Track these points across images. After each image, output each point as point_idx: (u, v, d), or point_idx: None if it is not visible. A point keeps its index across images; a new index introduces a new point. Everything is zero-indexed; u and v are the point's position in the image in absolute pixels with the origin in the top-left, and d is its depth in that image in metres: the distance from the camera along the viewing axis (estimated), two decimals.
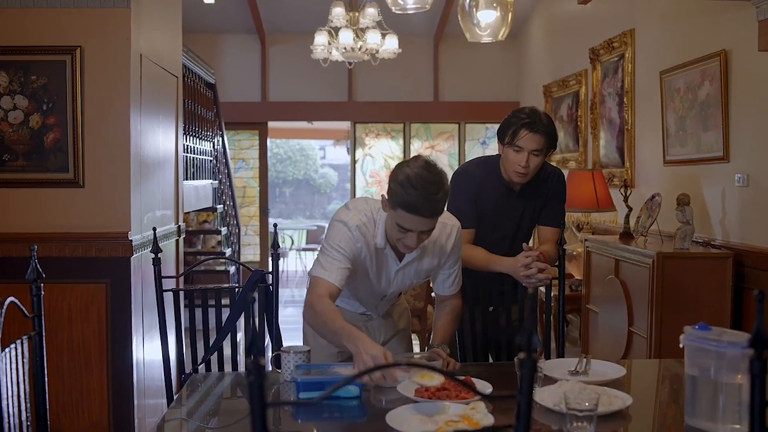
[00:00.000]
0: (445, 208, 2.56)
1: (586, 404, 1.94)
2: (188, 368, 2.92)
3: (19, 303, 2.23)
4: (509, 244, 3.13)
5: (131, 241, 3.98)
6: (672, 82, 5.03)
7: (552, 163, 3.31)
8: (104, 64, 3.96)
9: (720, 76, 4.38)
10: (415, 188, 2.35)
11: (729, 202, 4.37)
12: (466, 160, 2.98)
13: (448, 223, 2.71)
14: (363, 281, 2.69)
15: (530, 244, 3.09)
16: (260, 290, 2.95)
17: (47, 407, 2.34)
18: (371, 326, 2.88)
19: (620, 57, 6.07)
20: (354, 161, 10.12)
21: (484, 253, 3.05)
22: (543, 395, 2.18)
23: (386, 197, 2.48)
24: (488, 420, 1.96)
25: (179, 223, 5.12)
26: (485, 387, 2.32)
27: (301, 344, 2.67)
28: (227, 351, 2.97)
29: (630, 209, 5.06)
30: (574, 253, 6.27)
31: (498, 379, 2.49)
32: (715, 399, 1.97)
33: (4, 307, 2.11)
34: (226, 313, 2.91)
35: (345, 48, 6.73)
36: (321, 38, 6.91)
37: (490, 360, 3.22)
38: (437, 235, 2.65)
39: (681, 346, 2.06)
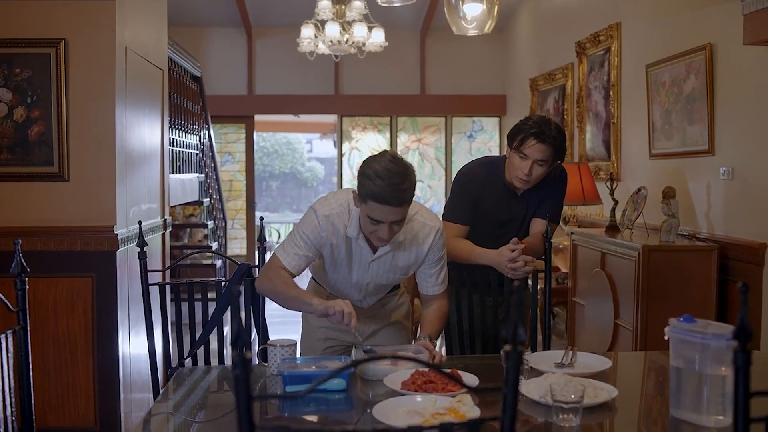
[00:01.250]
0: (443, 207, 2.61)
1: (572, 396, 1.95)
2: (174, 362, 2.91)
3: (3, 297, 2.22)
4: (505, 242, 3.12)
5: (117, 235, 3.96)
6: (658, 75, 5.04)
7: None
8: (89, 57, 3.94)
9: (705, 69, 4.40)
10: (382, 179, 2.43)
11: (714, 195, 4.40)
12: (460, 160, 3.00)
13: (428, 223, 2.73)
14: (340, 271, 2.74)
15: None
16: (247, 284, 2.94)
17: (32, 402, 2.34)
18: (361, 315, 2.88)
19: (606, 50, 6.08)
20: (341, 155, 10.11)
21: (467, 245, 3.06)
22: (529, 387, 2.19)
23: (356, 193, 2.54)
24: (475, 412, 1.97)
25: (165, 217, 5.10)
26: (472, 380, 2.33)
27: (288, 338, 2.67)
28: (214, 345, 2.97)
29: (616, 202, 5.08)
30: (561, 246, 6.29)
31: (485, 371, 2.50)
32: (700, 391, 1.98)
33: None
34: (212, 307, 2.91)
35: (331, 41, 6.72)
36: (307, 31, 6.89)
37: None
38: (415, 232, 2.69)
39: (666, 338, 2.07)
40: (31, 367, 2.33)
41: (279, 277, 2.63)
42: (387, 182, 2.42)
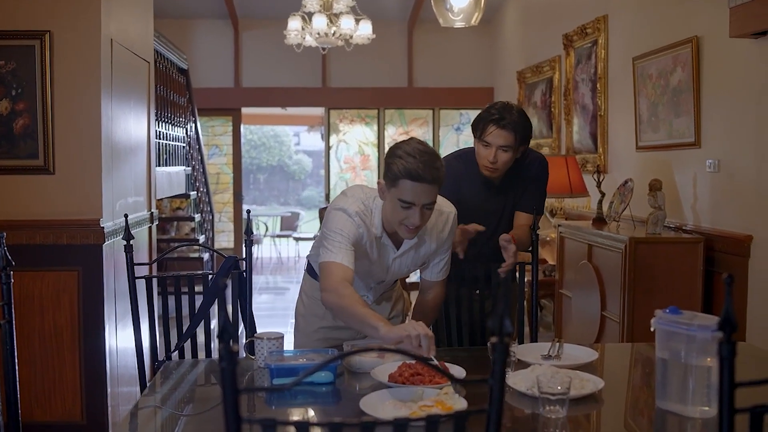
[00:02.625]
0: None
1: (559, 388, 1.96)
2: (162, 356, 2.90)
3: None
4: (490, 237, 3.12)
5: (103, 228, 3.94)
6: (645, 68, 5.06)
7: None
8: (74, 49, 3.91)
9: (692, 62, 4.41)
10: (414, 157, 2.41)
11: (700, 188, 4.42)
12: (447, 152, 3.01)
13: (444, 210, 2.73)
14: (363, 265, 2.69)
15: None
16: (234, 277, 2.93)
17: (18, 397, 2.32)
18: None
19: (593, 43, 6.09)
20: (328, 147, 10.09)
21: None
22: (516, 379, 2.19)
23: (383, 182, 2.52)
24: (461, 404, 1.97)
25: (152, 210, 5.08)
26: (459, 372, 2.33)
27: (276, 330, 2.66)
28: (201, 338, 2.96)
29: (603, 195, 5.09)
30: (548, 238, 6.30)
31: (472, 363, 2.50)
32: (685, 381, 1.99)
33: None
34: (199, 300, 2.90)
35: (318, 33, 6.70)
36: (294, 24, 6.87)
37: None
38: (434, 221, 2.68)
39: (652, 329, 2.08)
40: (16, 361, 2.32)
41: (345, 288, 2.47)
42: (420, 159, 2.40)
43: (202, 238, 8.30)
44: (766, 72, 3.78)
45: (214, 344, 3.41)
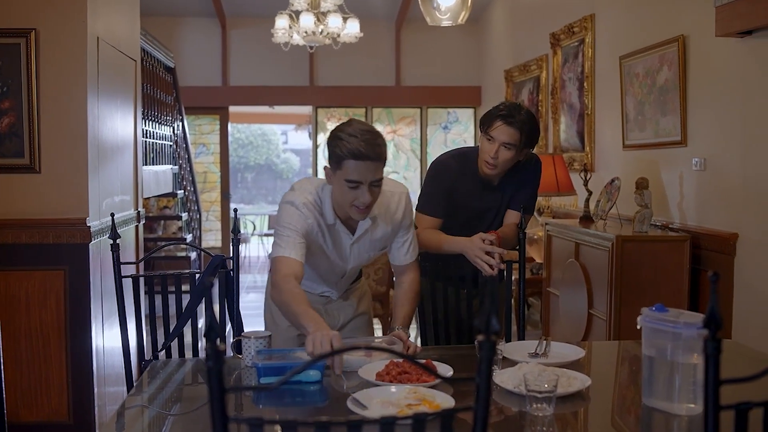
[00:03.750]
0: (417, 198, 2.59)
1: (546, 386, 1.96)
2: (148, 355, 2.89)
3: None
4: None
5: (89, 227, 3.93)
6: (631, 67, 5.07)
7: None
8: (60, 48, 3.89)
9: (678, 61, 4.43)
10: (356, 136, 2.45)
11: (686, 186, 4.44)
12: (435, 151, 3.03)
13: (395, 191, 2.75)
14: (321, 258, 2.71)
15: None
16: (221, 276, 2.93)
17: (4, 396, 2.31)
18: (330, 309, 2.89)
19: (580, 42, 6.11)
20: (316, 146, 10.08)
21: (437, 234, 3.06)
22: (503, 377, 2.20)
23: (329, 167, 2.55)
24: (449, 402, 1.97)
25: (139, 209, 5.06)
26: (446, 370, 2.34)
27: (263, 330, 2.66)
28: (188, 337, 2.95)
29: (590, 193, 5.11)
30: (535, 236, 6.32)
31: (459, 362, 2.51)
32: (672, 379, 2.00)
33: None
34: (186, 299, 2.89)
35: (306, 32, 6.69)
36: (282, 22, 6.86)
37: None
38: (386, 204, 2.70)
39: (638, 327, 2.09)
40: (2, 360, 2.30)
41: (287, 284, 2.49)
42: (362, 138, 2.44)
43: (189, 237, 8.27)
44: (752, 71, 3.80)
45: (201, 343, 3.40)
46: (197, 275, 3.02)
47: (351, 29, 6.94)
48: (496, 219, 3.19)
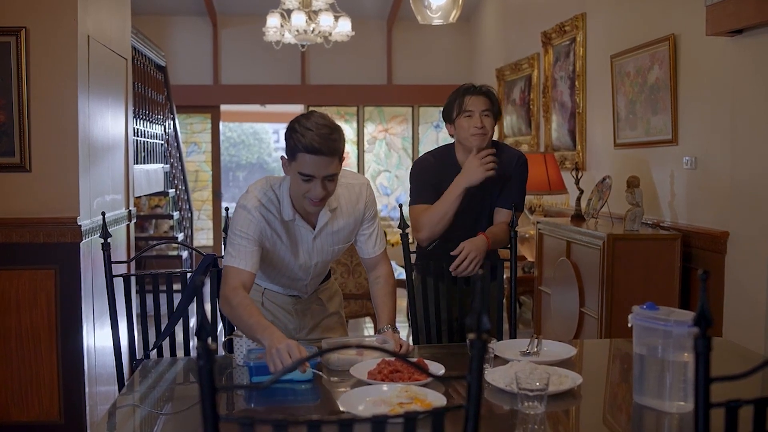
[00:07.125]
0: (408, 194, 2.58)
1: (537, 384, 1.96)
2: (140, 354, 2.88)
3: None
4: (469, 233, 3.11)
5: (80, 226, 3.91)
6: (622, 65, 5.08)
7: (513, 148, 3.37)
8: (50, 46, 3.88)
9: (669, 60, 4.45)
10: (311, 130, 2.42)
11: (677, 185, 4.45)
12: (426, 149, 3.09)
13: (355, 183, 2.73)
14: (284, 257, 2.67)
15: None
16: (212, 275, 2.92)
17: None
18: (299, 309, 2.87)
19: (572, 41, 6.12)
20: None
21: (434, 205, 3.09)
22: (495, 376, 2.20)
23: (285, 157, 2.52)
24: (440, 401, 1.98)
25: (130, 208, 5.05)
26: (438, 369, 2.34)
27: None
28: (179, 336, 2.94)
29: (581, 192, 5.12)
30: (527, 235, 6.33)
31: (451, 360, 2.51)
32: (662, 377, 2.01)
33: None
34: (178, 299, 2.88)
35: (298, 30, 6.68)
36: (273, 20, 6.85)
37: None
38: (347, 196, 2.68)
39: (629, 325, 2.10)
40: None
41: (236, 296, 2.46)
42: (317, 132, 2.40)
43: (180, 236, 8.26)
44: (742, 70, 3.81)
45: (193, 342, 3.39)
46: (188, 274, 3.01)
47: (342, 28, 6.94)
48: (483, 215, 3.19)
